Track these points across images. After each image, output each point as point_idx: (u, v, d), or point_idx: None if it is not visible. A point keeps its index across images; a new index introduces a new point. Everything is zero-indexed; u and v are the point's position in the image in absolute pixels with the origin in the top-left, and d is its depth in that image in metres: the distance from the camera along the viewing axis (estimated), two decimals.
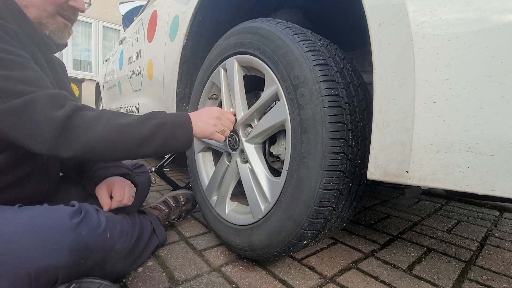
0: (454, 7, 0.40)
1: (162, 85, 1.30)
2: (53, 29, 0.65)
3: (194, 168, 1.00)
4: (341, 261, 0.81)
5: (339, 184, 0.57)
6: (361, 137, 0.59)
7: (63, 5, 0.65)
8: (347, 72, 0.61)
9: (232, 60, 0.78)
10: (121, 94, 2.19)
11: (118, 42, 2.45)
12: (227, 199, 0.83)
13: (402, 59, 0.45)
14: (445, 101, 0.41)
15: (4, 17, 0.54)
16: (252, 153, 0.74)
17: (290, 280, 0.70)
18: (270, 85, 0.67)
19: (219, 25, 1.06)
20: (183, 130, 0.64)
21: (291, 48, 0.60)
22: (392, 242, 0.97)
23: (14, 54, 0.52)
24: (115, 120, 0.56)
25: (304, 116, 0.58)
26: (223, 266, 0.75)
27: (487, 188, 0.39)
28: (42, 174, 0.66)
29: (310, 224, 0.59)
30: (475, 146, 0.39)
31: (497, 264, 0.86)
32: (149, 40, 1.49)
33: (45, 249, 0.48)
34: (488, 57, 0.38)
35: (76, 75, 5.44)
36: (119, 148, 0.55)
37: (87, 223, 0.55)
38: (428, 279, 0.75)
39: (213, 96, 0.94)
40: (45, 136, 0.49)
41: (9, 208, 0.52)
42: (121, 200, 0.74)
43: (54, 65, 0.74)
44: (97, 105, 3.66)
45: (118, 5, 3.01)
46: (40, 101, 0.50)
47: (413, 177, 0.45)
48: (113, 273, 0.62)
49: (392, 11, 0.46)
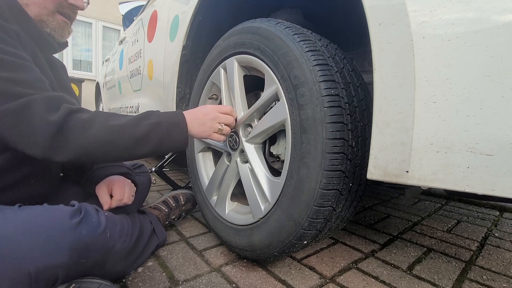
0: (454, 7, 0.40)
1: (162, 85, 1.30)
2: (54, 26, 0.66)
3: (194, 168, 1.00)
4: (341, 261, 0.81)
5: (339, 184, 0.57)
6: (361, 137, 0.59)
7: (63, 3, 0.65)
8: (347, 72, 0.61)
9: (232, 60, 0.78)
10: (121, 94, 2.19)
11: (118, 42, 2.45)
12: (227, 199, 0.83)
13: (402, 59, 0.45)
14: (445, 101, 0.41)
15: (5, 17, 0.54)
16: (252, 153, 0.74)
17: (290, 280, 0.70)
18: (270, 85, 0.67)
19: (219, 25, 1.07)
20: (178, 129, 0.63)
21: (291, 48, 0.60)
22: (392, 242, 0.97)
23: (14, 55, 0.52)
24: (109, 121, 0.55)
25: (304, 116, 0.58)
26: (223, 266, 0.75)
27: (487, 188, 0.39)
28: (42, 174, 0.66)
29: (310, 224, 0.59)
30: (475, 146, 0.39)
31: (497, 264, 0.86)
32: (149, 40, 1.49)
33: (45, 249, 0.48)
34: (488, 57, 0.38)
35: (76, 75, 5.44)
36: (114, 149, 0.55)
37: (87, 222, 0.55)
38: (428, 279, 0.75)
39: (213, 96, 0.94)
40: (39, 140, 0.49)
41: (9, 208, 0.52)
42: (121, 199, 0.74)
43: (55, 66, 0.75)
44: (97, 105, 3.66)
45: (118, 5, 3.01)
46: (37, 104, 0.50)
47: (413, 177, 0.45)
48: (113, 273, 0.62)
49: (392, 11, 0.46)
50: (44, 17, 0.64)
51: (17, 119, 0.49)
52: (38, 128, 0.49)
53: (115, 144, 0.55)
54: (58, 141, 0.50)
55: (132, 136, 0.56)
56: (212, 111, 0.70)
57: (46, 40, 0.65)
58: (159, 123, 0.60)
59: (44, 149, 0.50)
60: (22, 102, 0.49)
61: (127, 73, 1.94)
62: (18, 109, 0.49)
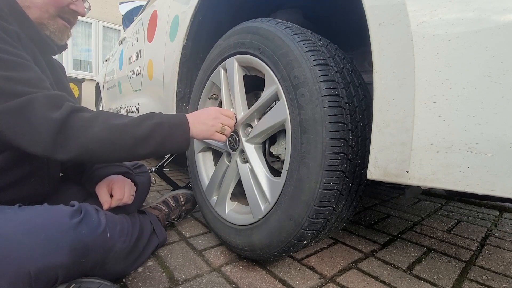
0: (454, 7, 0.40)
1: (162, 85, 1.30)
2: (54, 30, 0.66)
3: (194, 168, 1.00)
4: (341, 261, 0.81)
5: (339, 184, 0.57)
6: (361, 137, 0.59)
7: (65, 8, 0.66)
8: (347, 72, 0.61)
9: (232, 60, 0.78)
10: (121, 94, 2.19)
11: (118, 42, 2.45)
12: (227, 199, 0.83)
13: (402, 59, 0.45)
14: (445, 101, 0.41)
15: (6, 18, 0.55)
16: (252, 153, 0.74)
17: (290, 280, 0.70)
18: (270, 85, 0.67)
19: (219, 25, 1.06)
20: (180, 130, 0.63)
21: (291, 48, 0.60)
22: (392, 242, 0.97)
23: (14, 55, 0.52)
24: (111, 121, 0.56)
25: (304, 116, 0.58)
26: (223, 266, 0.75)
27: (487, 188, 0.39)
28: (42, 174, 0.66)
29: (310, 224, 0.59)
30: (475, 146, 0.39)
31: (497, 264, 0.86)
32: (149, 40, 1.49)
33: (45, 249, 0.48)
34: (488, 57, 0.38)
35: (76, 75, 5.43)
36: (115, 148, 0.55)
37: (87, 222, 0.55)
38: (428, 279, 0.75)
39: (213, 96, 0.94)
40: (41, 137, 0.49)
41: (9, 208, 0.52)
42: (121, 198, 0.74)
43: (54, 67, 0.75)
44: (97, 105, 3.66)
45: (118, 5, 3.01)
46: (38, 102, 0.50)
47: (413, 177, 0.45)
48: (113, 273, 0.62)
49: (392, 11, 0.46)
50: (44, 20, 0.64)
51: (19, 117, 0.49)
52: (40, 126, 0.49)
53: (117, 143, 0.55)
54: (60, 139, 0.50)
55: (134, 136, 0.56)
56: (214, 112, 0.72)
57: (45, 42, 0.65)
58: (161, 123, 0.60)
59: (46, 147, 0.50)
60: (24, 100, 0.49)
61: (127, 73, 1.94)
62: (20, 107, 0.49)
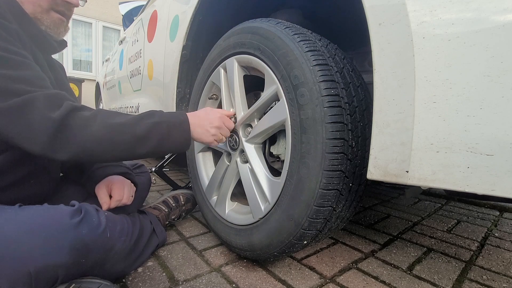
0: (454, 7, 0.40)
1: (162, 85, 1.30)
2: (49, 24, 0.66)
3: (194, 168, 1.00)
4: (341, 261, 0.81)
5: (339, 184, 0.57)
6: (361, 137, 0.59)
7: (56, 0, 0.65)
8: (347, 72, 0.61)
9: (232, 60, 0.78)
10: (121, 94, 2.19)
11: (118, 42, 2.45)
12: (227, 199, 0.83)
13: (402, 59, 0.45)
14: (445, 101, 0.41)
15: (6, 16, 0.54)
16: (252, 153, 0.74)
17: (290, 280, 0.70)
18: (270, 85, 0.67)
19: (219, 25, 1.07)
20: (179, 130, 0.63)
21: (291, 48, 0.60)
22: (392, 242, 0.97)
23: (15, 53, 0.52)
24: (110, 119, 0.55)
25: (304, 116, 0.58)
26: (223, 266, 0.75)
27: (487, 188, 0.39)
28: (42, 174, 0.66)
29: (310, 224, 0.59)
30: (475, 146, 0.39)
31: (497, 264, 0.86)
32: (149, 40, 1.49)
33: (45, 248, 0.48)
34: (488, 57, 0.38)
35: (76, 75, 5.43)
36: (114, 147, 0.55)
37: (87, 222, 0.55)
38: (428, 279, 0.75)
39: (213, 96, 0.94)
40: (40, 137, 0.49)
41: (9, 208, 0.52)
42: (120, 199, 0.73)
43: (54, 66, 0.75)
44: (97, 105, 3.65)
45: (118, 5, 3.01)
46: (38, 101, 0.50)
47: (413, 177, 0.45)
48: (113, 273, 0.62)
49: (392, 11, 0.46)
50: (38, 14, 0.63)
51: (19, 116, 0.48)
52: (39, 126, 0.49)
53: (115, 142, 0.55)
54: (59, 139, 0.50)
55: (132, 135, 0.56)
56: (218, 121, 0.70)
57: (45, 39, 0.65)
58: (160, 122, 0.60)
59: (44, 146, 0.50)
60: (24, 99, 0.49)
61: (127, 73, 1.94)
62: (20, 106, 0.48)
